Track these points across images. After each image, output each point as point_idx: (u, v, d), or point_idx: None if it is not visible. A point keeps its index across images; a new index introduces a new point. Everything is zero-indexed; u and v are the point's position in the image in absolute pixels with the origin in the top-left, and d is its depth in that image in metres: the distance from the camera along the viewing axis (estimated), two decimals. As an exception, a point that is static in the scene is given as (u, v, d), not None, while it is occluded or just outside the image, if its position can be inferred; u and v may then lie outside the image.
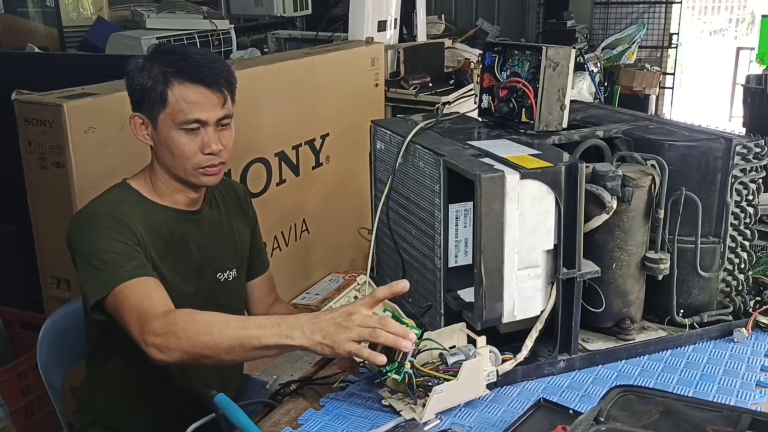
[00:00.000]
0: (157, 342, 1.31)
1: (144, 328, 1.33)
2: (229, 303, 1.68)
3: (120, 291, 1.40)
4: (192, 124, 1.50)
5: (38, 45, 4.29)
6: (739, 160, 1.52)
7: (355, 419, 1.32)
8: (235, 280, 1.70)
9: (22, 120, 2.19)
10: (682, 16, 7.63)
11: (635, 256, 1.49)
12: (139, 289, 1.40)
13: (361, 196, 3.05)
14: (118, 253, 1.44)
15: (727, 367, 1.47)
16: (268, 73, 2.99)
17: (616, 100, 6.82)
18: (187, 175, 1.54)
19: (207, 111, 1.50)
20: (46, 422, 2.67)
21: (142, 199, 1.57)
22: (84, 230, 1.48)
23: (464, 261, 1.46)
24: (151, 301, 1.38)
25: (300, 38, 4.81)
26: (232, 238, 1.70)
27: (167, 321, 1.32)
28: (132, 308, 1.37)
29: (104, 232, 1.46)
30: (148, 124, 1.53)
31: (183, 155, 1.51)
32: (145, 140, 1.55)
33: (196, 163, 1.52)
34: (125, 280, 1.40)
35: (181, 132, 1.50)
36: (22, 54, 3.98)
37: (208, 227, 1.65)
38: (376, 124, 1.74)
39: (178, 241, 1.59)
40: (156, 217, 1.56)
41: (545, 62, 1.55)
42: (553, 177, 1.33)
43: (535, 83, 1.58)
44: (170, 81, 1.48)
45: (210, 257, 1.64)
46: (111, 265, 1.42)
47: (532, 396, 1.36)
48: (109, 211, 1.49)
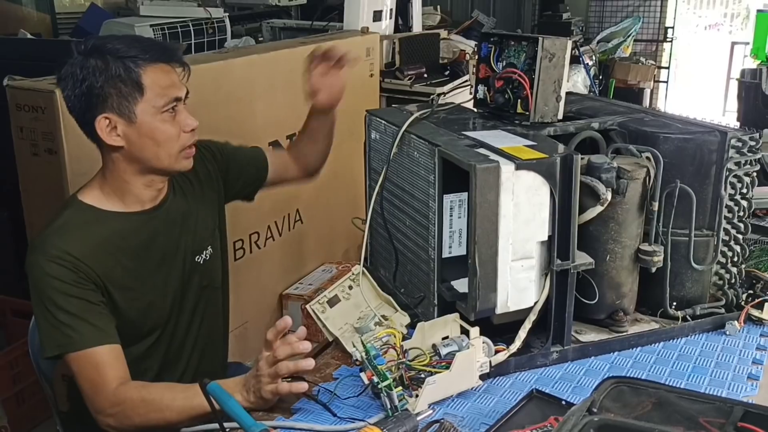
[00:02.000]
0: (109, 422, 1.40)
1: (95, 406, 1.40)
2: (210, 282, 1.67)
3: (73, 359, 1.41)
4: (172, 103, 1.46)
5: (31, 31, 4.26)
6: (733, 153, 1.52)
7: (347, 408, 1.32)
8: (213, 257, 1.68)
9: (14, 106, 2.17)
10: (678, 10, 7.63)
11: (629, 248, 1.49)
12: (93, 362, 1.41)
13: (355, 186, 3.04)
14: (75, 315, 1.40)
15: (719, 359, 1.47)
16: (262, 62, 2.97)
17: (610, 93, 6.82)
18: (171, 161, 1.49)
19: (179, 88, 1.48)
20: (38, 410, 2.67)
21: (99, 214, 1.49)
22: (40, 277, 1.41)
23: (458, 252, 1.46)
24: (104, 377, 1.40)
25: (295, 27, 4.77)
26: (203, 218, 1.66)
27: (117, 400, 1.38)
28: (85, 380, 1.42)
29: (60, 288, 1.40)
30: (117, 123, 1.44)
31: (169, 140, 1.47)
32: (116, 142, 1.45)
33: (181, 145, 1.49)
34: (79, 349, 1.40)
35: (163, 115, 1.46)
36: (15, 40, 3.94)
37: (175, 217, 1.60)
38: (370, 113, 1.74)
39: (148, 243, 1.54)
40: (118, 227, 1.50)
41: (541, 53, 1.54)
42: (549, 168, 1.33)
43: (531, 74, 1.58)
44: (139, 67, 1.42)
45: (184, 245, 1.60)
46: (66, 327, 1.40)
47: (524, 387, 1.37)
48: (63, 253, 1.41)
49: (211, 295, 1.69)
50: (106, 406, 1.39)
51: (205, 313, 1.68)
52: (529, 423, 1.21)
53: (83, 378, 1.41)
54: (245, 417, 1.18)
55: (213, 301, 1.70)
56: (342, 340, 1.52)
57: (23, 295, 2.79)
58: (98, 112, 1.43)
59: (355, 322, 1.55)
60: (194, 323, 1.65)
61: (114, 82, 1.42)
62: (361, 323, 1.53)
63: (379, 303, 1.59)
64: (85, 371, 1.41)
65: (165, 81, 1.46)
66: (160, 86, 1.45)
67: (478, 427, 1.25)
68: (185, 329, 1.63)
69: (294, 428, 1.28)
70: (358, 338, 1.36)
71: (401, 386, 1.26)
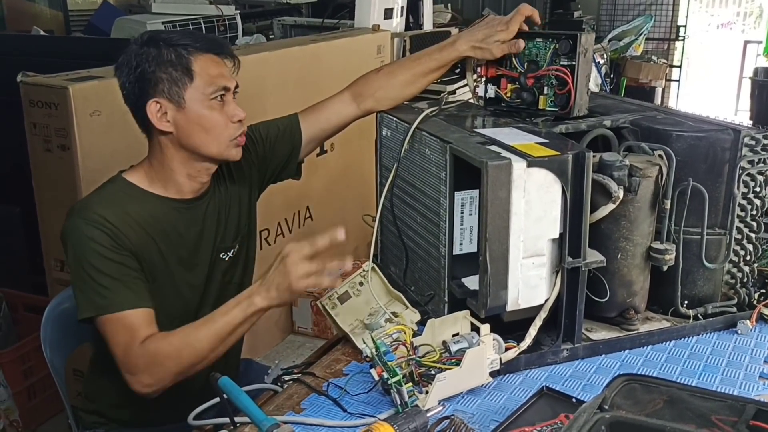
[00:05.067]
0: (144, 380, 1.42)
1: (128, 367, 1.43)
2: (232, 279, 1.69)
3: (107, 320, 1.45)
4: (220, 92, 1.50)
5: (44, 28, 4.29)
6: (747, 151, 1.51)
7: (357, 404, 1.32)
8: (238, 255, 1.70)
9: (28, 102, 2.19)
10: (690, 9, 7.59)
11: (641, 246, 1.49)
12: (127, 324, 1.44)
13: (365, 183, 3.05)
14: (112, 277, 1.45)
15: (730, 358, 1.46)
16: (273, 59, 2.98)
17: (622, 91, 6.79)
18: (221, 149, 1.53)
19: (228, 79, 1.53)
20: (49, 404, 2.69)
21: (141, 193, 1.55)
22: (79, 240, 1.46)
23: (469, 249, 1.46)
24: (136, 339, 1.43)
25: (306, 25, 4.78)
26: (234, 216, 1.68)
27: (146, 352, 1.41)
28: (117, 343, 1.44)
29: (99, 251, 1.45)
30: (167, 108, 1.49)
31: (217, 128, 1.51)
32: (165, 127, 1.50)
33: (230, 134, 1.52)
34: (115, 311, 1.44)
35: (212, 103, 1.50)
36: (28, 36, 3.97)
37: (211, 213, 1.63)
38: (383, 110, 1.73)
39: (183, 232, 1.58)
40: (156, 210, 1.54)
41: (579, 48, 1.54)
42: (560, 166, 1.33)
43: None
44: (191, 54, 1.48)
45: (212, 240, 1.64)
46: (103, 289, 1.44)
47: (535, 384, 1.36)
48: (103, 219, 1.46)
49: (232, 292, 1.70)
50: (139, 363, 1.42)
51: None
52: (539, 420, 1.21)
53: (116, 341, 1.44)
54: (257, 411, 1.18)
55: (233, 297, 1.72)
56: (352, 337, 1.52)
57: (35, 290, 2.82)
58: (149, 97, 1.48)
59: (365, 318, 1.55)
60: None
61: (165, 66, 1.47)
62: (371, 320, 1.53)
63: (389, 300, 1.59)
64: (119, 334, 1.44)
65: (214, 70, 1.51)
66: (209, 74, 1.49)
67: (488, 423, 1.25)
68: None
69: (304, 423, 1.28)
70: (368, 335, 1.37)
71: (411, 382, 1.27)
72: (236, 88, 1.55)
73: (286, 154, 1.79)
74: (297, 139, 1.79)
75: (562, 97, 1.60)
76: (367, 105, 1.75)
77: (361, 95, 1.75)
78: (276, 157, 1.77)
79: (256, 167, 1.74)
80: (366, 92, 1.75)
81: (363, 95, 1.75)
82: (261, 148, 1.75)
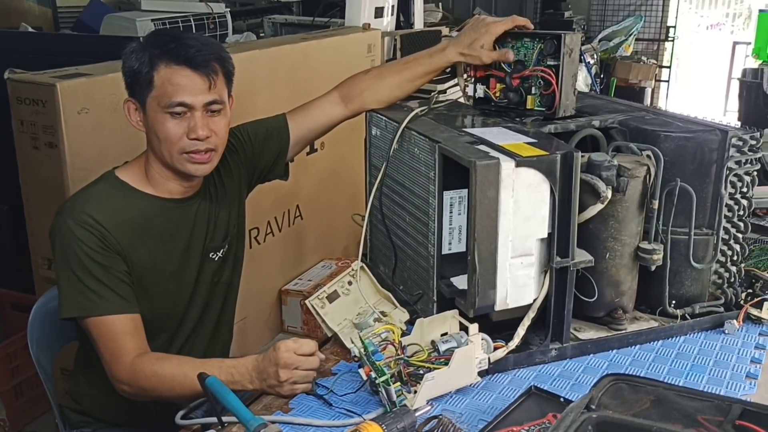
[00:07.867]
0: (125, 389, 1.46)
1: (113, 373, 1.46)
2: (221, 278, 1.69)
3: (93, 324, 1.46)
4: (177, 107, 1.46)
5: (32, 25, 4.26)
6: (734, 152, 1.52)
7: (345, 404, 1.32)
8: (227, 255, 1.70)
9: (15, 99, 2.17)
10: (680, 10, 7.62)
11: (629, 246, 1.49)
12: (113, 330, 1.45)
13: (355, 182, 3.04)
14: (98, 279, 1.45)
15: (717, 358, 1.47)
16: (263, 57, 2.97)
17: (612, 92, 6.81)
18: (173, 160, 1.50)
19: (193, 94, 1.46)
20: (36, 403, 2.67)
21: (131, 192, 1.54)
22: (67, 239, 1.45)
23: (458, 248, 1.46)
24: (123, 347, 1.45)
25: (296, 23, 4.77)
26: (223, 217, 1.68)
27: (133, 371, 1.43)
28: (104, 347, 1.46)
29: (86, 252, 1.44)
30: (139, 108, 1.51)
31: (167, 139, 1.48)
32: (138, 126, 1.52)
33: (180, 148, 1.49)
34: (101, 315, 1.44)
35: (167, 116, 1.47)
36: (16, 33, 3.94)
37: (199, 212, 1.62)
38: (371, 110, 1.73)
39: (173, 232, 1.58)
40: (146, 209, 1.54)
41: (564, 49, 1.54)
42: (549, 165, 1.33)
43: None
44: (156, 63, 1.45)
45: (202, 240, 1.63)
46: (89, 292, 1.44)
47: (523, 384, 1.37)
48: (92, 220, 1.45)
49: (221, 292, 1.71)
50: (123, 376, 1.45)
51: (214, 308, 1.70)
52: (527, 420, 1.21)
53: (102, 345, 1.46)
54: (244, 411, 1.18)
55: (222, 297, 1.72)
56: (341, 336, 1.52)
57: (22, 288, 2.80)
58: (129, 94, 1.52)
59: (354, 317, 1.55)
60: (203, 318, 1.67)
61: (136, 70, 1.48)
62: (360, 319, 1.53)
63: (378, 299, 1.59)
64: (105, 339, 1.45)
65: (178, 82, 1.45)
66: (170, 85, 1.46)
67: (476, 423, 1.26)
68: (193, 323, 1.65)
69: (292, 423, 1.28)
70: (356, 334, 1.37)
71: (399, 382, 1.27)
72: (212, 104, 1.49)
73: (274, 154, 1.78)
74: (285, 140, 1.77)
75: (549, 97, 1.60)
76: (354, 106, 1.75)
77: (349, 96, 1.75)
78: (264, 157, 1.76)
79: (245, 167, 1.73)
80: (354, 93, 1.74)
81: (351, 96, 1.75)
82: (249, 148, 1.73)
